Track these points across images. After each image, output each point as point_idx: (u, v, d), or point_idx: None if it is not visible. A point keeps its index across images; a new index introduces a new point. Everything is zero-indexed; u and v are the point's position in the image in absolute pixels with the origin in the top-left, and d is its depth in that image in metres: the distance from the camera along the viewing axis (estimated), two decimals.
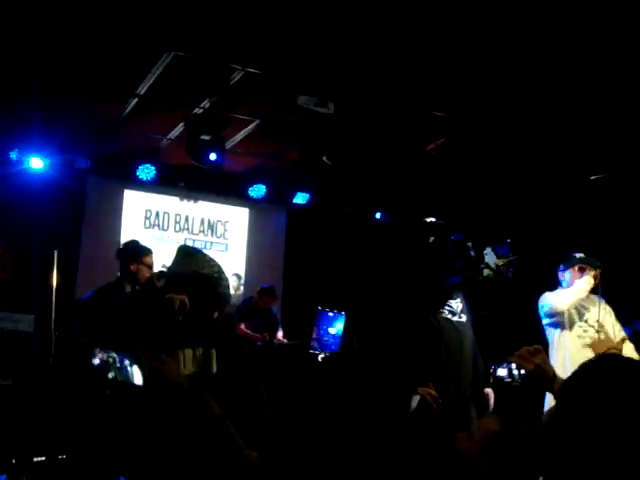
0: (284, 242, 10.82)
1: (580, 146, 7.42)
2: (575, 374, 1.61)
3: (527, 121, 7.17)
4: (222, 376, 3.15)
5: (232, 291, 10.41)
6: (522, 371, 2.55)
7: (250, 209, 10.72)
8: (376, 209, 10.34)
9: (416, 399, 2.51)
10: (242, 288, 10.51)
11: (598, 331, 5.26)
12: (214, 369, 3.16)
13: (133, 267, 5.24)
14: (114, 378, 2.00)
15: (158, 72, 6.71)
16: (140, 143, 9.01)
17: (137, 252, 5.36)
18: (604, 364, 1.59)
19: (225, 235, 10.56)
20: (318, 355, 1.86)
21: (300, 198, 10.44)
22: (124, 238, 9.54)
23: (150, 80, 6.93)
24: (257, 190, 10.28)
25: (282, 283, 10.35)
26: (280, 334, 8.52)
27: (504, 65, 6.15)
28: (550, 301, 5.41)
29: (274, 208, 10.79)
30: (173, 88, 7.14)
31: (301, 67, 6.47)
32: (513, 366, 5.65)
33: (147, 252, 5.36)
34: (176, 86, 7.08)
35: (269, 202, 10.56)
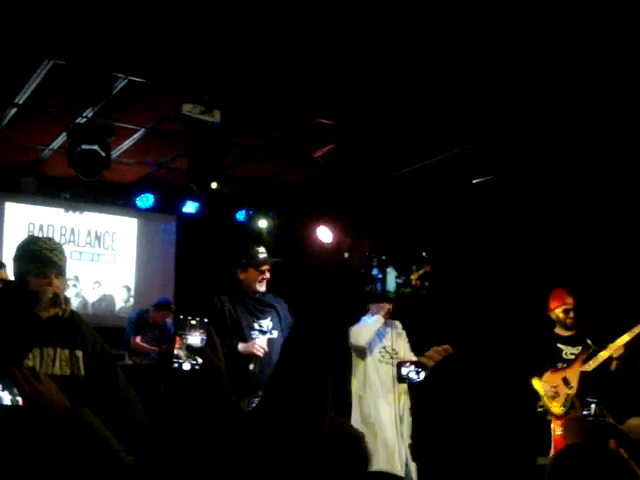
0: (174, 252, 10.67)
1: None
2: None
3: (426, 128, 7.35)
4: (91, 379, 3.10)
5: (122, 303, 10.22)
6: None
7: (138, 219, 10.52)
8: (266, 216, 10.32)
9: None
10: (132, 300, 10.31)
11: (392, 357, 6.35)
12: (82, 372, 3.11)
13: None
14: None
15: (37, 81, 6.52)
16: (21, 154, 8.72)
17: None
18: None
19: (113, 246, 10.32)
20: (182, 364, 1.84)
21: (189, 207, 10.33)
22: (6, 253, 9.20)
23: (29, 89, 6.72)
24: (145, 200, 10.04)
25: (173, 293, 10.21)
26: None
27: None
28: (352, 338, 6.32)
29: (163, 218, 10.62)
30: (54, 97, 6.96)
31: (185, 75, 6.43)
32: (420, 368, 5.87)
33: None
34: (57, 95, 6.90)
35: (158, 211, 10.39)
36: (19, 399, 1.80)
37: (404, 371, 3.16)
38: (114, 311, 10.16)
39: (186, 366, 1.88)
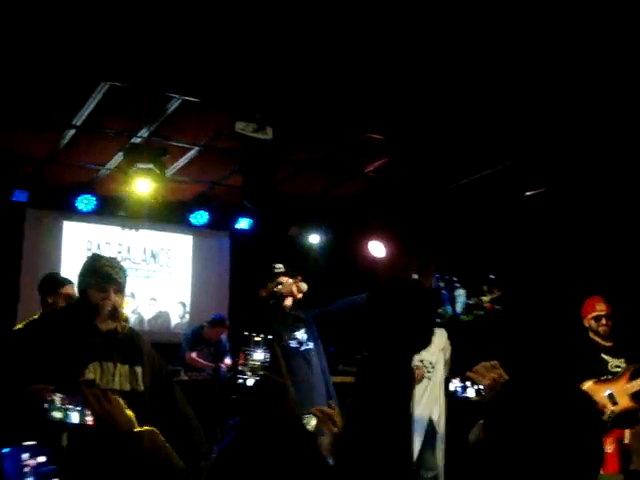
0: (229, 268, 10.78)
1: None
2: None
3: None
4: (149, 395, 3.15)
5: (177, 320, 10.35)
6: (479, 386, 2.63)
7: (193, 236, 10.67)
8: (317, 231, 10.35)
9: (312, 420, 2.54)
10: (187, 316, 10.43)
11: (429, 371, 6.35)
12: (141, 388, 3.16)
13: (50, 299, 5.26)
14: (60, 419, 1.97)
15: (94, 102, 6.68)
16: (78, 174, 8.93)
17: (53, 284, 5.37)
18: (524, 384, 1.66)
19: (168, 263, 10.48)
20: (247, 380, 1.87)
21: (242, 223, 10.44)
22: (65, 271, 9.40)
23: (86, 111, 6.89)
24: (199, 217, 10.20)
25: (228, 309, 10.30)
26: (228, 360, 8.50)
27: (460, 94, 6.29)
28: None
29: (217, 234, 10.75)
30: (110, 118, 7.12)
31: (237, 93, 6.52)
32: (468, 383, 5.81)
33: (63, 283, 5.36)
34: (113, 116, 7.06)
35: (212, 228, 10.52)
36: (88, 418, 1.83)
37: (451, 386, 3.15)
38: (170, 327, 10.30)
39: (250, 382, 1.90)
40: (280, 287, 5.43)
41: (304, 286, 5.43)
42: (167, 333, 10.06)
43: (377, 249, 9.51)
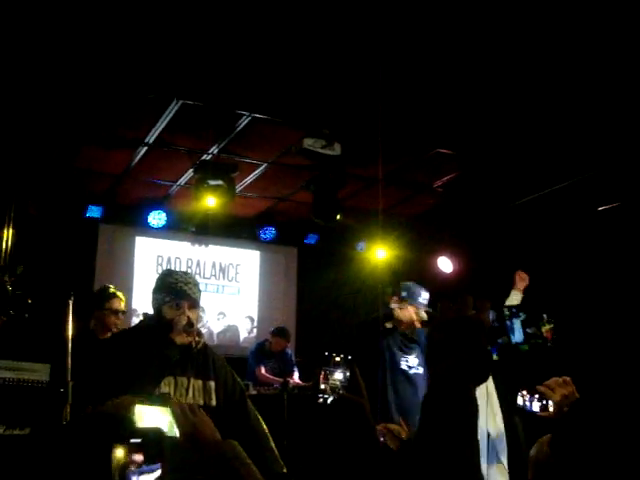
0: (296, 283, 10.85)
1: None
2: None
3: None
4: (222, 410, 3.16)
5: (245, 334, 10.44)
6: (546, 401, 2.59)
7: (261, 251, 10.77)
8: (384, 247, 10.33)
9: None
10: (255, 331, 10.51)
11: None
12: (214, 402, 3.18)
13: (98, 313, 5.33)
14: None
15: (166, 120, 6.82)
16: (150, 190, 9.11)
17: (101, 298, 5.43)
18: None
19: (237, 278, 10.60)
20: (327, 399, 1.88)
21: (310, 238, 10.51)
22: (137, 285, 9.60)
23: (159, 128, 7.04)
24: (267, 232, 10.31)
25: (295, 324, 10.36)
26: (296, 376, 8.53)
27: (514, 103, 6.22)
28: None
29: (285, 250, 10.83)
30: (181, 135, 7.26)
31: (306, 110, 6.57)
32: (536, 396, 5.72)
33: (110, 297, 5.42)
34: (184, 133, 7.19)
35: (279, 244, 10.61)
36: (176, 431, 1.85)
37: (520, 400, 3.10)
38: (238, 342, 10.39)
39: (329, 400, 1.91)
40: (400, 312, 5.21)
41: (424, 315, 5.20)
42: (236, 347, 10.16)
43: (446, 265, 9.43)
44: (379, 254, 10.06)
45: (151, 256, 10.09)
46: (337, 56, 5.62)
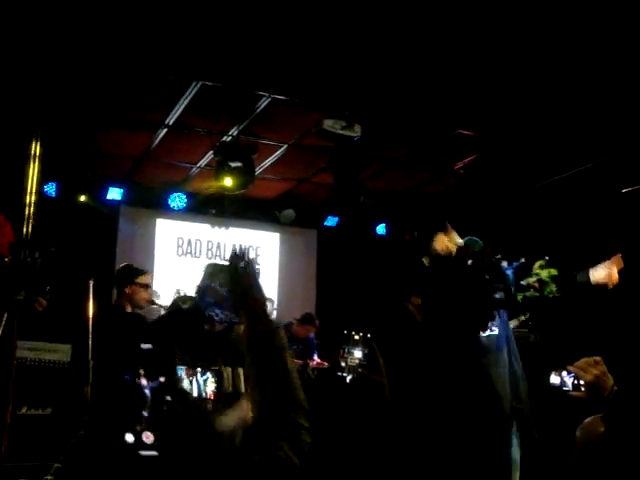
0: (316, 265, 10.85)
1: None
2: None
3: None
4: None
5: None
6: (579, 381, 2.56)
7: (281, 234, 10.77)
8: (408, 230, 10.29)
9: None
10: (275, 312, 10.52)
11: None
12: (243, 389, 3.19)
13: (128, 289, 5.39)
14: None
15: (186, 102, 6.81)
16: (171, 172, 9.12)
17: (130, 274, 5.49)
18: None
19: (257, 260, 10.60)
20: (346, 377, 1.87)
21: (330, 221, 10.49)
22: (157, 266, 9.64)
23: (178, 110, 7.03)
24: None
25: (315, 306, 10.35)
26: (316, 357, 8.52)
27: (532, 87, 6.15)
28: None
29: (304, 232, 10.82)
30: (201, 117, 7.24)
31: (326, 91, 6.52)
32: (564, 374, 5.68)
33: (139, 273, 5.49)
34: (204, 115, 7.17)
35: (299, 226, 10.60)
36: (208, 390, 1.87)
37: (553, 378, 3.08)
38: None
39: (348, 378, 1.91)
40: (434, 243, 5.16)
41: (458, 239, 5.16)
42: None
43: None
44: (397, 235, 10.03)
45: (171, 238, 10.13)
46: (358, 37, 5.57)
